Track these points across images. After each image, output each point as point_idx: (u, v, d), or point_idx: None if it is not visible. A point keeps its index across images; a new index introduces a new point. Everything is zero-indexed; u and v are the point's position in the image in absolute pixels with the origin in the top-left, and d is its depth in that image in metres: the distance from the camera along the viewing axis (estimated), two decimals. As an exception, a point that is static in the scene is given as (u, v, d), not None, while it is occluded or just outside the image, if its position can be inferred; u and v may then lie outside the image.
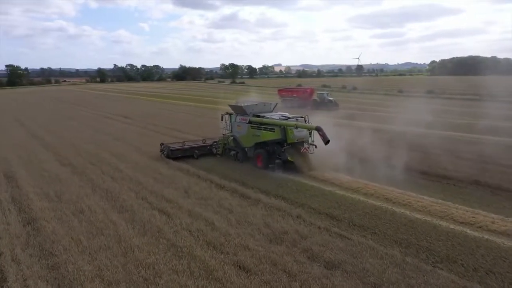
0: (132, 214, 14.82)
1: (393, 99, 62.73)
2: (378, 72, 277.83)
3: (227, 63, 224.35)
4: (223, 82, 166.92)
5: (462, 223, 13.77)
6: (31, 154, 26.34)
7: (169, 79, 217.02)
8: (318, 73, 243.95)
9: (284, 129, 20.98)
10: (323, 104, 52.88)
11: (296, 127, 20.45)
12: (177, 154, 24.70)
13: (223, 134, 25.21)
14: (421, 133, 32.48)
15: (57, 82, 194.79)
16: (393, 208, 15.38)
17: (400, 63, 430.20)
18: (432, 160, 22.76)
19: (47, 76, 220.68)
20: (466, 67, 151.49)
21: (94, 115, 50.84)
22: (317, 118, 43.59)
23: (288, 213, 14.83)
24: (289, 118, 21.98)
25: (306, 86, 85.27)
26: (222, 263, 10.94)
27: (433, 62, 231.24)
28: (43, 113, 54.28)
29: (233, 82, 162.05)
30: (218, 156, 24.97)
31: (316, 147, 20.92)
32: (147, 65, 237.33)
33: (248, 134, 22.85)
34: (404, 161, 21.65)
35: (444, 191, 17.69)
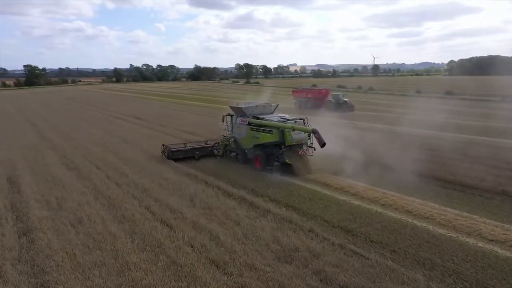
0: (133, 225, 13.93)
1: (410, 100, 60.68)
2: (394, 72, 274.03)
3: (242, 63, 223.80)
4: (238, 82, 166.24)
5: (491, 240, 12.49)
6: (38, 157, 25.78)
7: (184, 79, 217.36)
8: (334, 73, 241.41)
9: (282, 131, 20.63)
10: (338, 106, 51.60)
11: (293, 129, 20.20)
12: (178, 155, 24.64)
13: (224, 136, 25.10)
14: (440, 136, 31.11)
15: (73, 82, 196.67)
16: (414, 222, 14.18)
17: (417, 62, 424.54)
18: (453, 166, 21.39)
19: (66, 76, 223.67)
20: (486, 66, 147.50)
21: (106, 116, 50.43)
22: (330, 120, 42.48)
23: (299, 227, 13.75)
24: (288, 120, 21.66)
25: (321, 86, 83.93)
26: (225, 286, 9.94)
27: (451, 61, 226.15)
28: (55, 114, 54.13)
29: (248, 82, 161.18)
30: (219, 157, 24.86)
31: (314, 149, 20.79)
32: (163, 65, 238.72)
33: (247, 135, 22.68)
34: (422, 167, 20.48)
35: (470, 202, 16.34)
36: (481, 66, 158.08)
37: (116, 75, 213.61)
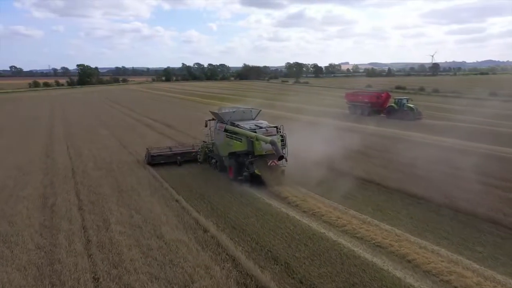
0: None
1: (489, 105, 50.73)
2: (455, 70, 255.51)
3: (292, 62, 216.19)
4: (287, 81, 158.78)
5: None
6: (19, 184, 20.32)
7: (232, 78, 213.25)
8: (389, 71, 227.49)
9: (251, 140, 19.11)
10: (401, 113, 43.30)
11: (256, 139, 18.64)
12: (158, 160, 23.59)
13: (204, 141, 24.18)
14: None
15: (124, 81, 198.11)
16: None
17: (479, 60, 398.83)
18: None
19: (121, 75, 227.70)
20: None
21: (134, 122, 45.30)
22: (393, 132, 34.49)
23: None
24: (261, 128, 19.92)
25: (377, 87, 75.08)
26: None
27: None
28: (82, 118, 49.93)
29: (297, 81, 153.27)
30: (199, 163, 23.79)
31: (286, 160, 19.02)
32: (214, 64, 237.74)
33: (224, 142, 21.39)
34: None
35: None
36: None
37: (166, 74, 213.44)
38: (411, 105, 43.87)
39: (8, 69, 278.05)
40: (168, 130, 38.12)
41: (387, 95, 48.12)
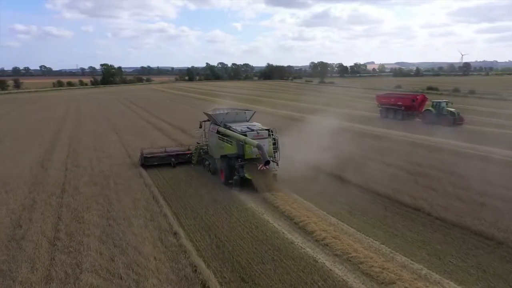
0: None
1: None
2: (487, 70, 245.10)
3: (316, 61, 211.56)
4: (311, 81, 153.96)
5: None
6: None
7: (256, 78, 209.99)
8: (417, 71, 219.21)
9: (241, 143, 18.57)
10: (440, 117, 38.76)
11: (245, 142, 18.15)
12: (152, 162, 23.00)
13: (197, 143, 23.87)
14: None
15: (148, 80, 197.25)
16: None
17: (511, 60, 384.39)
18: None
19: (146, 74, 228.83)
20: None
21: (148, 125, 42.26)
22: (434, 141, 30.14)
23: None
24: (252, 130, 19.32)
25: (407, 89, 70.13)
26: None
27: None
28: (94, 121, 47.25)
29: (322, 81, 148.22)
30: (192, 165, 23.33)
31: (277, 164, 19.01)
32: (238, 63, 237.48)
33: (217, 144, 21.02)
34: None
35: None
36: None
37: (189, 74, 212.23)
38: (452, 109, 39.25)
39: (39, 68, 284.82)
40: (181, 135, 34.79)
41: (423, 98, 43.55)
